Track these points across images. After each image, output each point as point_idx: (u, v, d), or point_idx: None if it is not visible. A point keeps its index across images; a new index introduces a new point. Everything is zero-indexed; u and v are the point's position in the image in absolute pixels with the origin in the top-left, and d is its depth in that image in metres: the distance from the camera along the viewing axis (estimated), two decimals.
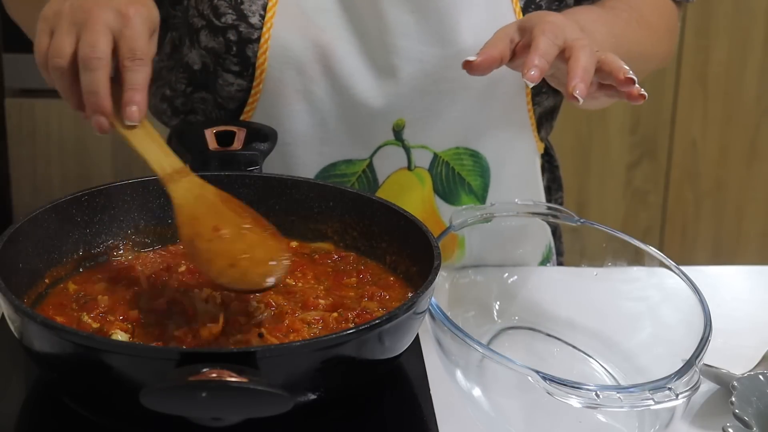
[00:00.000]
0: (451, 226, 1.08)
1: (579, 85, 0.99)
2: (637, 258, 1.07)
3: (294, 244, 1.08)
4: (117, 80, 0.97)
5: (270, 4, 1.19)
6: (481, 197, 1.29)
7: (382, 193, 1.25)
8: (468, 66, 1.03)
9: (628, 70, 1.01)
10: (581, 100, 0.99)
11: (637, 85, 1.02)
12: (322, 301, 0.97)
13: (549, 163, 1.43)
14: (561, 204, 1.45)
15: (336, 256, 1.06)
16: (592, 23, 1.16)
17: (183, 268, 1.01)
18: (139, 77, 0.97)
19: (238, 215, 0.97)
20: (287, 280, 1.00)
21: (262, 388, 0.76)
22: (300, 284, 1.00)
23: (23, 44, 1.33)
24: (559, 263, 1.41)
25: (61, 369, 0.86)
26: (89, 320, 0.92)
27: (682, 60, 2.45)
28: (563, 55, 1.02)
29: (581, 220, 1.11)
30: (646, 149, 2.53)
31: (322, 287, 1.01)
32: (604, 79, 1.03)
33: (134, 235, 1.07)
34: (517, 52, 1.06)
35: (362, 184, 1.25)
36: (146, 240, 1.07)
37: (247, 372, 0.77)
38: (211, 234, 0.94)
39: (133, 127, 0.97)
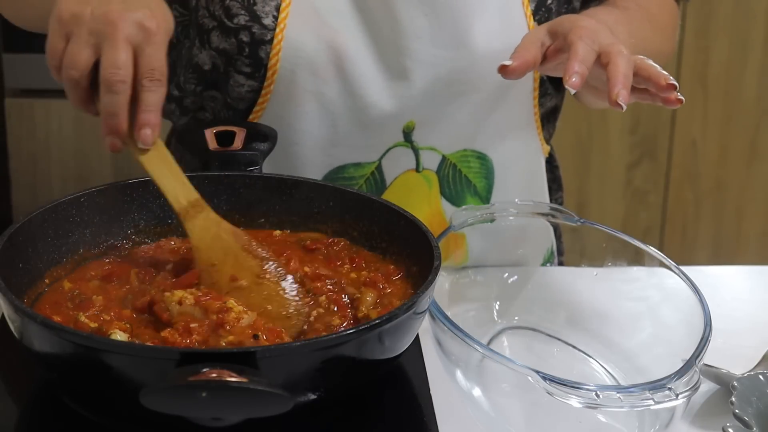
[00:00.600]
0: (452, 226, 1.08)
1: (622, 92, 0.99)
2: (637, 258, 1.07)
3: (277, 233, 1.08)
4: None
5: (283, 5, 1.18)
6: (485, 199, 1.29)
7: (389, 195, 1.25)
8: (504, 70, 1.03)
9: (669, 76, 1.02)
10: (624, 107, 0.99)
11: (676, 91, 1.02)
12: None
13: (549, 164, 1.43)
14: (561, 204, 1.45)
15: (329, 240, 1.06)
16: (614, 25, 1.16)
17: (170, 266, 1.00)
18: (155, 98, 0.95)
19: (254, 256, 0.97)
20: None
21: (262, 388, 0.76)
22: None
23: (23, 44, 1.33)
24: (560, 263, 1.41)
25: (61, 369, 0.86)
26: (86, 320, 0.92)
27: (682, 60, 2.45)
28: (599, 61, 1.02)
29: (581, 220, 1.11)
30: (646, 149, 2.53)
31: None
32: (640, 84, 1.03)
33: (134, 235, 1.07)
34: (548, 56, 1.06)
35: (370, 186, 1.25)
36: (146, 240, 1.07)
37: (247, 372, 0.77)
38: (229, 285, 0.95)
39: (146, 149, 0.96)
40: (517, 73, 1.04)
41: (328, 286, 0.96)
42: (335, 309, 0.95)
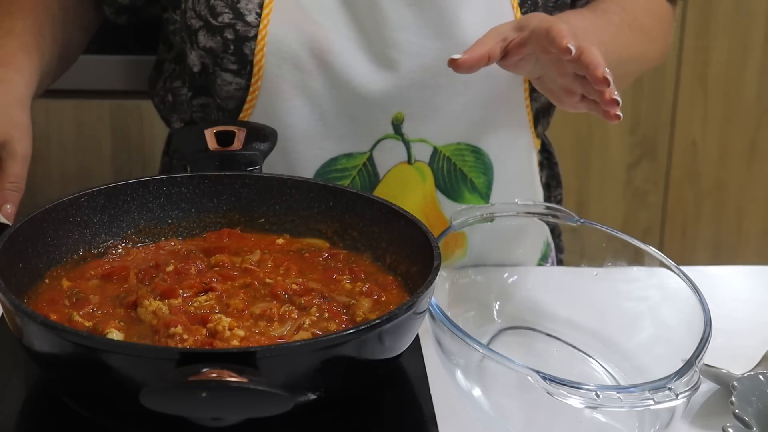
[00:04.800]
0: (452, 226, 1.08)
1: (606, 70, 0.99)
2: (637, 258, 1.07)
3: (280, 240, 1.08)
4: None
5: (266, 1, 1.19)
6: (485, 195, 1.29)
7: (383, 188, 1.25)
8: (453, 64, 1.04)
9: (607, 72, 1.00)
10: (611, 80, 0.99)
11: (613, 93, 1.00)
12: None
13: (548, 160, 1.43)
14: (560, 201, 1.46)
15: (329, 253, 1.06)
16: (583, 31, 1.16)
17: (171, 268, 1.00)
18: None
19: None
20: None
21: (262, 388, 0.76)
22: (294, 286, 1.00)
23: None
24: (559, 260, 1.41)
25: (61, 369, 0.86)
26: (80, 319, 0.92)
27: (682, 60, 2.45)
28: (558, 60, 1.02)
29: (581, 220, 1.11)
30: (646, 149, 2.52)
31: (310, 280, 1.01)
32: (581, 71, 1.03)
33: (134, 236, 1.07)
34: (511, 50, 1.06)
35: (363, 178, 1.25)
36: (146, 240, 1.07)
37: (247, 372, 0.77)
38: None
39: None
40: (466, 67, 1.04)
41: (316, 301, 0.96)
42: (327, 316, 0.94)
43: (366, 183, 1.25)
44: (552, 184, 1.44)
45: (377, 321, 0.85)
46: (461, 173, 1.27)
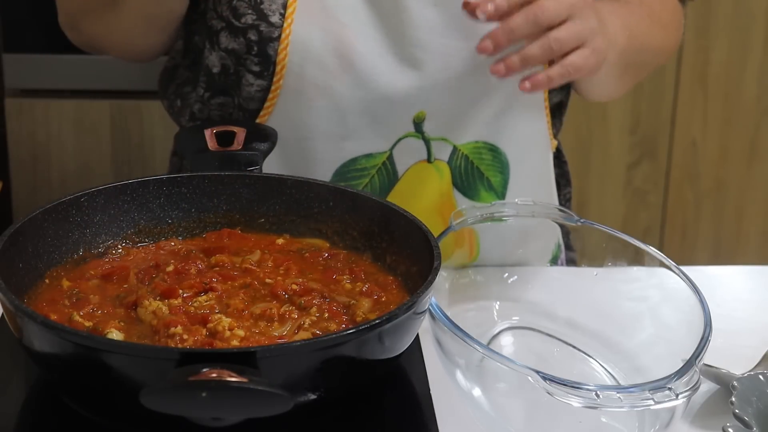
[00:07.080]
0: (451, 227, 1.08)
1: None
2: (637, 258, 1.07)
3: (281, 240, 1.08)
4: None
5: (290, 1, 1.18)
6: (501, 194, 1.29)
7: (401, 186, 1.25)
8: (467, 7, 1.08)
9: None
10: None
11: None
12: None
13: (557, 159, 1.43)
14: (569, 199, 1.46)
15: (329, 253, 1.06)
16: (608, 15, 1.17)
17: (171, 268, 1.00)
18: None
19: None
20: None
21: (262, 388, 0.76)
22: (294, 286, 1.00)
23: (23, 44, 1.33)
24: (570, 258, 1.40)
25: (61, 369, 0.86)
26: (80, 319, 0.92)
27: (682, 60, 2.45)
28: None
29: (581, 220, 1.11)
30: (646, 149, 2.53)
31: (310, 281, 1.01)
32: None
33: (134, 236, 1.07)
34: None
35: (382, 177, 1.25)
36: (146, 240, 1.07)
37: (247, 372, 0.77)
38: None
39: None
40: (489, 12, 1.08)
41: (316, 301, 0.96)
42: (327, 316, 0.94)
43: (384, 182, 1.25)
44: (562, 183, 1.44)
45: (377, 321, 0.85)
46: (478, 171, 1.27)
